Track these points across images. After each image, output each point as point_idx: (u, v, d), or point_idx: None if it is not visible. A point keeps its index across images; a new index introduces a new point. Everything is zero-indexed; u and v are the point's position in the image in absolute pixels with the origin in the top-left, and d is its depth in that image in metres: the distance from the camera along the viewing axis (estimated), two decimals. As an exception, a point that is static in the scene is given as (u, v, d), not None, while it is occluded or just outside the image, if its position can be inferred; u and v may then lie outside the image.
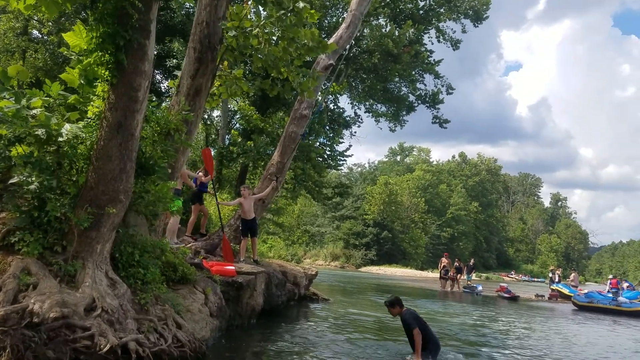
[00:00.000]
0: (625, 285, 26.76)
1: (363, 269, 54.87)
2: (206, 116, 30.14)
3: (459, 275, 25.64)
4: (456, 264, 25.89)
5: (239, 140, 22.20)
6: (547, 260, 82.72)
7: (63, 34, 6.64)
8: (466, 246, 73.99)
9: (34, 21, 21.58)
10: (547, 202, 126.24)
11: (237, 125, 25.67)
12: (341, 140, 24.79)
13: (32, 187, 5.13)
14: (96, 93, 5.97)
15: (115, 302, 5.29)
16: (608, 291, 24.41)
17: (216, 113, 29.96)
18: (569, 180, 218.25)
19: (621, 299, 20.68)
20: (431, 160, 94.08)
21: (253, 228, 10.88)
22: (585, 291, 23.62)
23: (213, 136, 30.04)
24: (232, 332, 7.87)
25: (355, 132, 26.66)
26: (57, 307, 4.79)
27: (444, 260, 26.16)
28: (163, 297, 5.90)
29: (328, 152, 23.70)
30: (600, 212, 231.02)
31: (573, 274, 29.13)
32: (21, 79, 5.93)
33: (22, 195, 5.31)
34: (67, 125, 5.54)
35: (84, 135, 5.67)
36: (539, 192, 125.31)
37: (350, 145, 36.51)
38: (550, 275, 28.85)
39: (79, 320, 4.89)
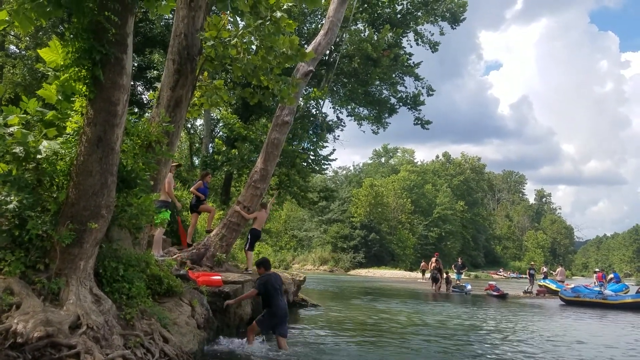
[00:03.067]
0: (610, 276, 27.19)
1: (352, 272, 54.91)
2: (189, 125, 30.07)
3: (440, 276, 25.58)
4: (435, 264, 25.80)
5: (223, 148, 22.15)
6: (534, 256, 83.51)
7: (39, 50, 6.59)
8: (454, 245, 74.37)
9: (11, 36, 21.30)
10: (532, 198, 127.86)
11: (221, 133, 25.61)
12: (325, 144, 24.86)
13: (10, 206, 5.07)
14: (74, 108, 5.92)
15: (101, 319, 5.24)
16: (594, 284, 24.77)
17: (199, 122, 29.92)
18: (552, 176, 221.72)
19: (607, 292, 20.98)
20: (415, 160, 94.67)
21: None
22: (572, 286, 23.91)
23: (197, 145, 29.96)
24: (221, 342, 7.82)
25: (338, 136, 26.75)
26: (41, 326, 4.74)
27: (432, 262, 26.26)
28: (149, 311, 5.86)
29: (312, 157, 23.75)
30: (585, 206, 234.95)
31: (559, 269, 29.46)
32: (-3, 96, 5.88)
33: (1, 214, 5.25)
34: (45, 142, 5.50)
35: (63, 151, 5.63)
36: (524, 189, 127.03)
37: (334, 149, 36.76)
38: (531, 271, 29.11)
39: (64, 339, 4.84)
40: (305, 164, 23.50)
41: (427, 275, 34.86)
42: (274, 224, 55.77)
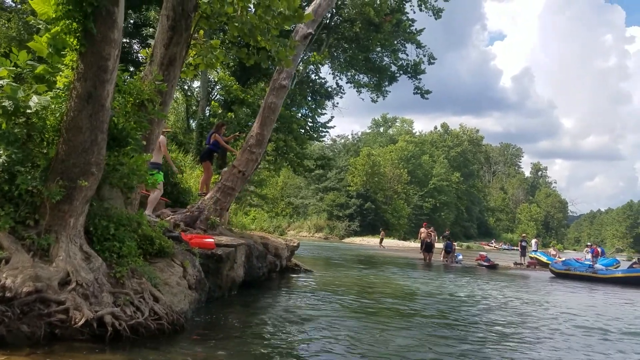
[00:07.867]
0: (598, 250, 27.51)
1: (346, 239, 55.40)
2: (186, 87, 29.70)
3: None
4: (427, 240, 25.42)
5: (220, 111, 21.92)
6: (526, 228, 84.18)
7: (30, 1, 6.37)
8: (448, 216, 74.92)
9: (5, -11, 20.76)
10: (527, 172, 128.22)
11: (218, 96, 25.30)
12: (323, 111, 24.61)
13: (-1, 160, 5.00)
14: (65, 62, 5.77)
15: (90, 276, 5.24)
16: (585, 258, 25.00)
17: (196, 84, 29.50)
18: (550, 150, 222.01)
19: (597, 266, 21.21)
20: (414, 131, 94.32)
21: None
22: (563, 259, 24.14)
23: (194, 107, 29.64)
24: (213, 304, 7.88)
25: (337, 104, 26.46)
26: (30, 282, 4.74)
27: (423, 231, 26.33)
28: (140, 271, 5.85)
29: (310, 124, 23.56)
30: (580, 181, 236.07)
31: (552, 250, 29.83)
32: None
33: (-10, 169, 5.17)
34: (35, 97, 5.38)
35: (53, 106, 5.51)
36: (520, 162, 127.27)
37: (332, 117, 36.43)
38: (522, 243, 29.29)
39: (53, 295, 4.84)
40: (302, 131, 23.31)
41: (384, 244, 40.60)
42: (270, 190, 55.82)
